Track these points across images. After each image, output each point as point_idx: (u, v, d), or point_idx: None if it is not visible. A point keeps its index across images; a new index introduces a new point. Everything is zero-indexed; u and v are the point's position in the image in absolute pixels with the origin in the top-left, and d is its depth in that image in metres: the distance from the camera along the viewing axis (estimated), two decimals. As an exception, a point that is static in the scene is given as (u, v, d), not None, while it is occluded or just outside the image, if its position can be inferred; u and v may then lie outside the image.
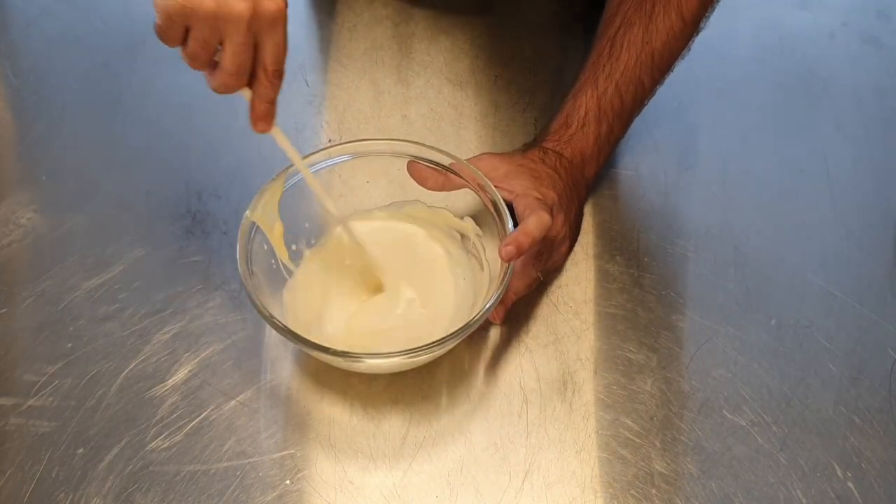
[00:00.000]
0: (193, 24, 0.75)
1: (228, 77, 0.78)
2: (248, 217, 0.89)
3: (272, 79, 0.80)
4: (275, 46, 0.78)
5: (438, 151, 0.94)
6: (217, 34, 0.76)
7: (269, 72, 0.79)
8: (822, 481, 0.85)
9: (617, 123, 0.99)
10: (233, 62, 0.77)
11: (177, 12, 0.75)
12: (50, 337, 0.92)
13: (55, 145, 1.07)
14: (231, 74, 0.78)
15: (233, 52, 0.77)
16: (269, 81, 0.80)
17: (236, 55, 0.77)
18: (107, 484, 0.84)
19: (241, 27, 0.76)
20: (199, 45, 0.77)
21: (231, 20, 0.75)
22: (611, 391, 0.90)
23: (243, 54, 0.77)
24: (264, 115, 0.82)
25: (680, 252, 1.00)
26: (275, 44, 0.78)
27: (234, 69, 0.78)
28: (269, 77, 0.79)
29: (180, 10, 0.74)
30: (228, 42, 0.77)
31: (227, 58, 0.77)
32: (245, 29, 0.76)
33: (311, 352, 0.85)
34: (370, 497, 0.84)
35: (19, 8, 1.22)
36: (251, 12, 0.75)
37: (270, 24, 0.77)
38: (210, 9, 0.74)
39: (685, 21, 0.99)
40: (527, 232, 0.86)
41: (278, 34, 0.78)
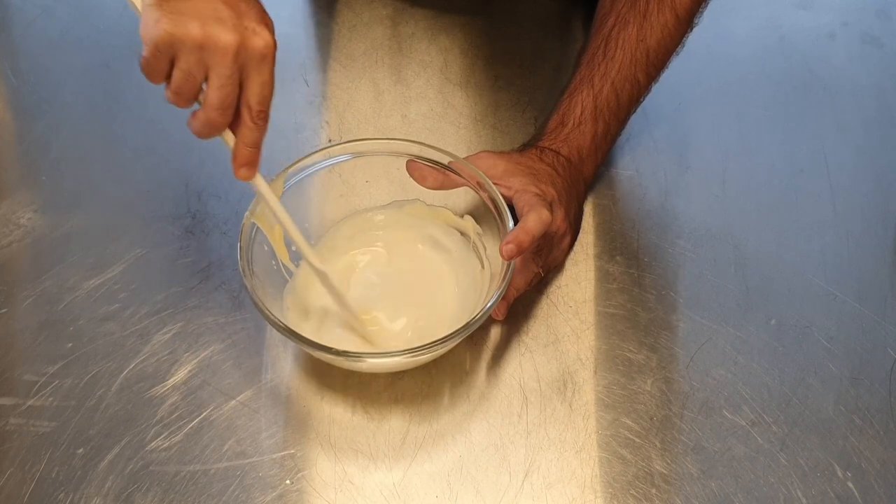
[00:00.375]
0: (179, 56, 0.74)
1: (213, 111, 0.76)
2: (249, 217, 0.89)
3: (257, 120, 0.78)
4: (261, 85, 0.77)
5: (437, 150, 0.94)
6: (202, 66, 0.75)
7: (253, 112, 0.77)
8: (822, 481, 0.85)
9: (614, 121, 1.00)
10: (217, 95, 0.76)
11: (164, 41, 0.74)
12: (50, 337, 0.92)
13: (55, 145, 1.07)
14: (215, 109, 0.76)
15: (218, 84, 0.75)
16: (254, 123, 0.78)
17: (222, 88, 0.75)
18: (107, 484, 0.84)
19: (227, 59, 0.74)
20: (183, 77, 0.75)
21: (217, 50, 0.74)
22: (611, 391, 0.90)
23: (228, 87, 0.76)
24: (247, 160, 0.80)
25: (680, 252, 1.00)
26: (261, 82, 0.76)
27: (218, 103, 0.76)
28: (254, 118, 0.77)
29: (167, 39, 0.74)
30: (214, 74, 0.75)
31: (211, 91, 0.76)
32: (231, 61, 0.75)
33: (312, 351, 0.85)
34: (370, 497, 0.84)
35: (19, 8, 1.22)
36: (238, 44, 0.74)
37: (258, 60, 0.76)
38: (197, 38, 0.73)
39: (679, 18, 1.00)
40: (527, 229, 0.86)
41: (265, 73, 0.76)
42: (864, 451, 0.87)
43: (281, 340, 0.92)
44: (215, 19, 0.74)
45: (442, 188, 0.94)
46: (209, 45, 0.74)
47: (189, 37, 0.74)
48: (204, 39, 0.74)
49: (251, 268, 0.87)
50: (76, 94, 1.13)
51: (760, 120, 1.12)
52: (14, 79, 1.14)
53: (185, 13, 0.74)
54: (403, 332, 0.91)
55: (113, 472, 0.84)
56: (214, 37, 0.74)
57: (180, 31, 0.73)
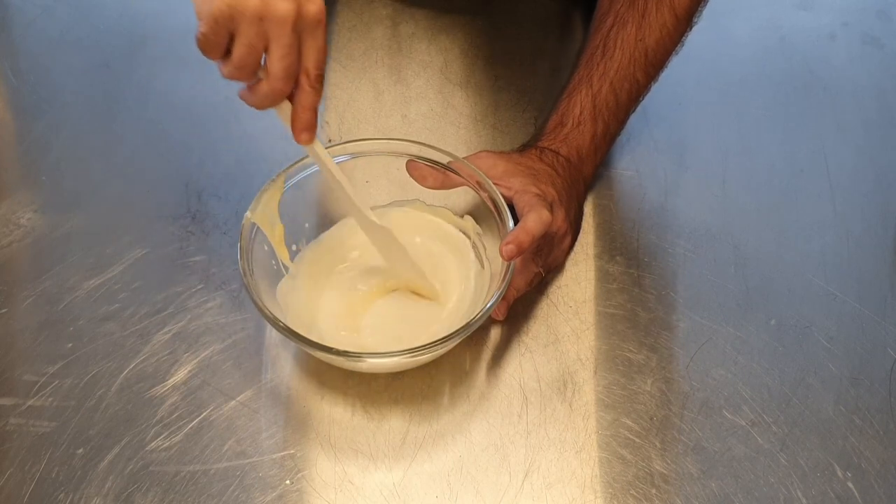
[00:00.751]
0: (239, 29, 0.75)
1: (277, 82, 0.77)
2: (249, 217, 0.89)
3: (314, 84, 0.78)
4: (317, 50, 0.77)
5: (437, 150, 0.94)
6: (263, 38, 0.75)
7: (311, 76, 0.78)
8: (822, 481, 0.85)
9: (613, 121, 1.00)
10: (281, 66, 0.76)
11: (223, 15, 0.74)
12: (50, 337, 0.92)
13: (55, 145, 1.07)
14: (280, 79, 0.77)
15: (280, 54, 0.76)
16: (312, 87, 0.78)
17: (284, 58, 0.76)
18: (107, 484, 0.84)
19: (286, 27, 0.75)
20: (245, 51, 0.75)
21: (276, 20, 0.74)
22: (611, 391, 0.90)
23: (291, 56, 0.76)
24: (308, 124, 0.80)
25: (680, 252, 1.00)
26: (317, 47, 0.77)
27: (282, 73, 0.76)
28: (312, 82, 0.78)
29: (226, 11, 0.74)
30: (275, 45, 0.75)
31: (274, 62, 0.76)
32: (290, 30, 0.75)
33: (312, 351, 0.85)
34: (370, 497, 0.84)
35: (19, 8, 1.22)
36: (295, 13, 0.74)
37: (313, 25, 0.76)
38: (256, 9, 0.74)
39: (678, 17, 1.00)
40: (527, 230, 0.86)
41: (320, 37, 0.77)
42: (864, 451, 0.87)
43: (281, 340, 0.92)
44: None
45: (442, 188, 0.94)
46: (268, 16, 0.74)
47: (248, 8, 0.74)
48: (263, 10, 0.74)
49: (251, 268, 0.87)
50: (76, 94, 1.13)
51: (760, 120, 1.12)
52: (14, 79, 1.14)
53: None
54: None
55: (113, 472, 0.84)
56: (273, 7, 0.74)
57: (239, 4, 0.73)
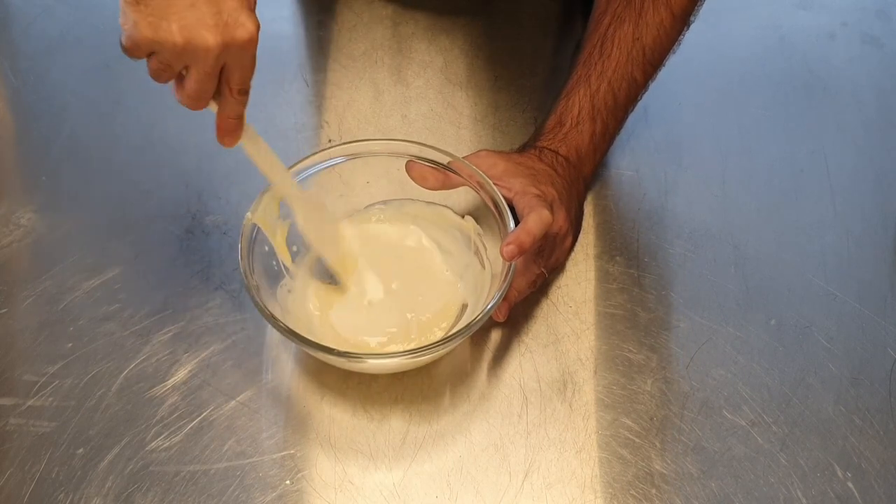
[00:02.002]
0: (159, 54, 0.74)
1: (188, 100, 0.77)
2: (250, 218, 0.89)
3: (237, 96, 0.78)
4: (242, 69, 0.77)
5: (437, 150, 0.94)
6: (182, 62, 0.75)
7: (233, 91, 0.78)
8: (822, 481, 0.85)
9: (611, 120, 1.00)
10: (195, 89, 0.76)
11: (143, 43, 0.73)
12: (50, 337, 0.92)
13: (55, 145, 1.07)
14: (191, 98, 0.77)
15: (197, 79, 0.75)
16: (235, 99, 0.78)
17: (200, 82, 0.76)
18: (107, 484, 0.84)
19: (208, 60, 0.74)
20: (161, 68, 0.75)
21: (198, 53, 0.73)
22: (611, 391, 0.90)
23: (207, 83, 0.76)
24: (230, 130, 0.81)
25: (680, 252, 1.00)
26: (242, 67, 0.77)
27: (195, 94, 0.77)
28: (234, 95, 0.78)
29: (146, 43, 0.73)
30: (193, 70, 0.75)
31: (190, 84, 0.76)
32: (212, 62, 0.74)
33: (313, 352, 0.85)
34: (370, 497, 0.84)
35: (19, 8, 1.22)
36: (221, 45, 0.73)
37: (241, 51, 0.75)
38: (178, 44, 0.73)
39: (675, 15, 1.00)
40: (528, 230, 0.86)
41: (247, 58, 0.76)
42: (864, 451, 0.87)
43: (281, 341, 0.92)
44: (196, 19, 0.72)
45: (442, 188, 0.94)
46: (190, 50, 0.73)
47: (169, 42, 0.73)
48: (185, 45, 0.73)
49: (252, 268, 0.87)
50: (76, 94, 1.13)
51: (760, 120, 1.12)
52: (14, 79, 1.14)
53: (163, 16, 0.72)
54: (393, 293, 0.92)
55: (113, 472, 0.84)
56: (195, 42, 0.73)
57: (161, 38, 0.72)
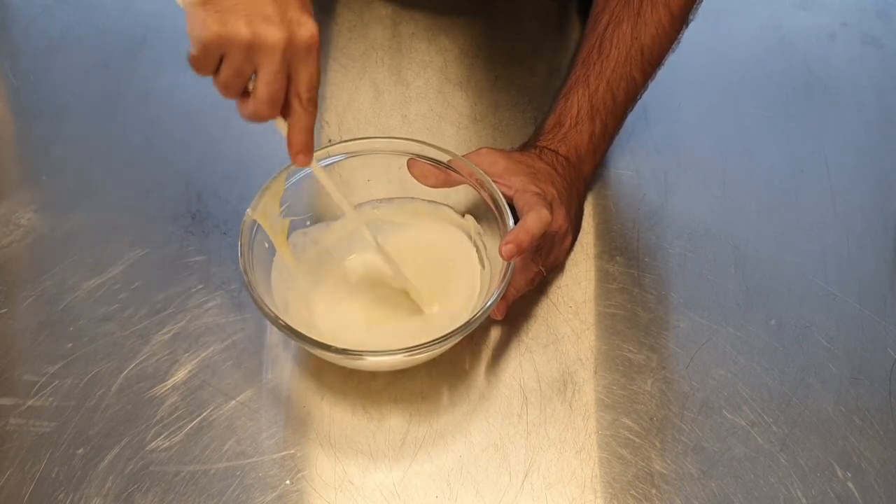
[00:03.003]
0: (228, 53, 0.75)
1: (261, 106, 0.77)
2: (250, 215, 0.89)
3: (307, 107, 0.79)
4: (309, 74, 0.78)
5: (438, 149, 0.94)
6: (251, 63, 0.75)
7: (303, 100, 0.78)
8: (822, 481, 0.85)
9: (610, 120, 1.00)
10: (266, 91, 0.77)
11: (212, 42, 0.74)
12: (50, 337, 0.92)
13: (55, 145, 1.07)
14: (264, 103, 0.77)
15: (267, 80, 0.76)
16: (304, 110, 0.79)
17: (270, 84, 0.76)
18: (107, 484, 0.84)
19: (275, 55, 0.75)
20: (232, 74, 0.76)
21: (266, 49, 0.75)
22: (611, 391, 0.90)
23: (277, 83, 0.77)
24: (303, 146, 0.81)
25: (680, 252, 1.00)
26: (309, 71, 0.77)
27: (267, 98, 0.77)
28: (304, 105, 0.79)
29: (216, 40, 0.74)
30: (262, 71, 0.76)
31: (260, 87, 0.77)
32: (280, 57, 0.75)
33: (312, 349, 0.85)
34: (370, 497, 0.84)
35: (19, 8, 1.22)
36: (286, 41, 0.75)
37: (305, 51, 0.76)
38: (245, 38, 0.74)
39: (673, 15, 1.00)
40: (526, 229, 0.86)
41: (312, 62, 0.77)
42: (864, 451, 0.87)
43: (281, 340, 0.92)
44: (261, 16, 0.74)
45: (444, 186, 0.94)
46: (257, 44, 0.74)
47: (238, 37, 0.74)
48: (252, 38, 0.74)
49: (252, 265, 0.87)
50: (76, 94, 1.13)
51: (760, 120, 1.12)
52: (14, 79, 1.14)
53: (230, 11, 0.74)
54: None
55: (113, 472, 0.84)
56: (262, 35, 0.74)
57: (229, 32, 0.74)
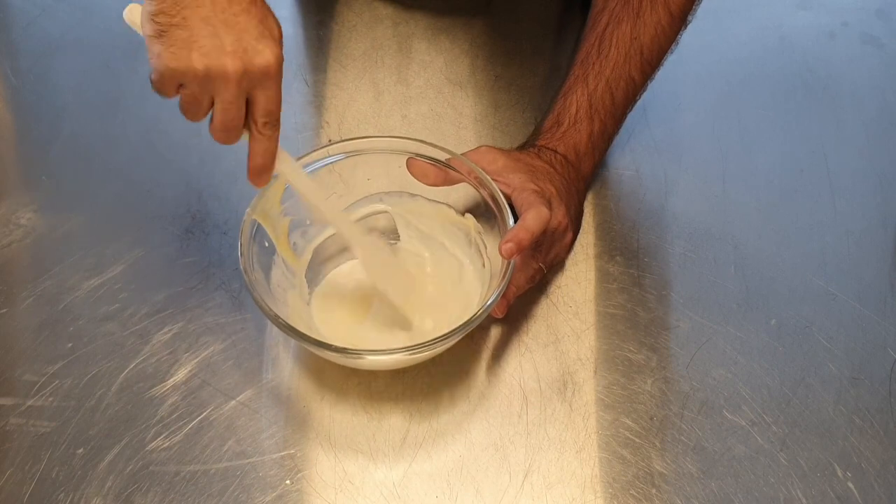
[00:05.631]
0: (184, 84, 0.76)
1: (216, 133, 0.79)
2: (250, 214, 0.89)
3: (263, 131, 0.79)
4: (266, 100, 0.78)
5: (437, 147, 0.94)
6: (207, 92, 0.76)
7: (258, 125, 0.79)
8: (822, 481, 0.85)
9: (609, 120, 1.00)
10: (220, 119, 0.78)
11: (168, 75, 0.75)
12: (50, 337, 0.92)
13: (55, 145, 1.07)
14: (217, 130, 0.78)
15: (221, 108, 0.77)
16: (260, 133, 0.80)
17: (224, 112, 0.77)
18: (107, 484, 0.84)
19: (230, 86, 0.76)
20: (189, 102, 0.77)
21: (219, 79, 0.75)
22: (611, 391, 0.90)
23: (231, 112, 0.77)
24: (258, 169, 0.82)
25: (680, 252, 1.00)
26: (266, 97, 0.78)
27: (221, 126, 0.78)
28: (259, 129, 0.79)
29: (170, 74, 0.75)
30: (217, 100, 0.77)
31: (216, 115, 0.78)
32: (234, 87, 0.76)
33: (313, 348, 0.85)
34: (370, 497, 0.84)
35: (19, 8, 1.22)
36: (240, 72, 0.75)
37: (261, 78, 0.77)
38: (199, 71, 0.75)
39: (673, 15, 1.00)
40: (526, 228, 0.86)
41: (270, 88, 0.78)
42: (864, 451, 0.87)
43: (281, 340, 0.92)
44: (215, 47, 0.75)
45: (444, 185, 0.94)
46: (211, 76, 0.75)
47: (191, 71, 0.75)
48: (206, 71, 0.75)
49: (252, 265, 0.87)
50: (76, 94, 1.13)
51: (760, 120, 1.12)
52: (14, 79, 1.14)
53: (184, 45, 0.74)
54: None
55: (113, 472, 0.84)
56: (216, 68, 0.75)
57: (183, 67, 0.75)
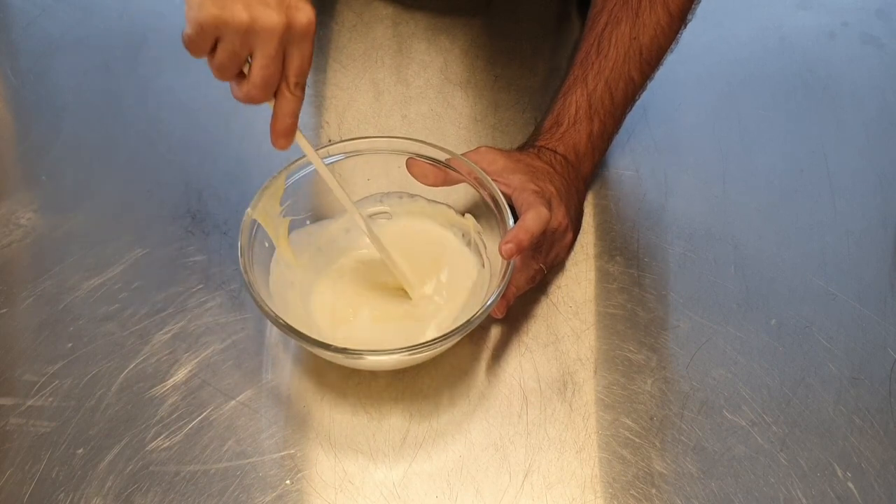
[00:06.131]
0: (224, 36, 0.75)
1: (254, 89, 0.78)
2: (250, 214, 0.89)
3: (294, 91, 0.79)
4: (301, 59, 0.78)
5: (437, 148, 0.94)
6: (247, 46, 0.76)
7: (291, 84, 0.78)
8: (822, 481, 0.85)
9: (609, 120, 1.00)
10: (261, 75, 0.77)
11: (210, 24, 0.74)
12: (50, 337, 0.92)
13: (55, 145, 1.07)
14: (258, 87, 0.77)
15: (263, 64, 0.76)
16: (292, 94, 0.79)
17: (265, 68, 0.77)
18: (107, 484, 0.84)
19: (273, 40, 0.75)
20: (227, 57, 0.76)
21: (263, 33, 0.75)
22: (611, 391, 0.90)
23: (272, 67, 0.77)
24: (285, 130, 0.81)
25: (680, 252, 1.00)
26: (301, 56, 0.78)
27: (261, 82, 0.77)
28: (292, 89, 0.79)
29: (213, 22, 0.74)
30: (258, 54, 0.76)
31: (255, 70, 0.77)
32: (277, 42, 0.75)
33: (312, 349, 0.85)
34: (370, 497, 0.84)
35: (19, 8, 1.22)
36: (284, 25, 0.75)
37: (301, 36, 0.76)
38: (244, 21, 0.74)
39: (672, 15, 1.00)
40: (526, 228, 0.86)
41: (306, 47, 0.77)
42: (864, 451, 0.87)
43: (281, 340, 0.92)
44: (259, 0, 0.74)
45: (443, 185, 0.94)
46: (255, 28, 0.74)
47: (235, 20, 0.74)
48: (251, 23, 0.74)
49: (251, 265, 0.87)
50: (76, 94, 1.13)
51: (760, 120, 1.12)
52: (14, 79, 1.14)
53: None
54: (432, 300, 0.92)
55: (113, 472, 0.84)
56: (261, 20, 0.74)
57: (227, 15, 0.74)
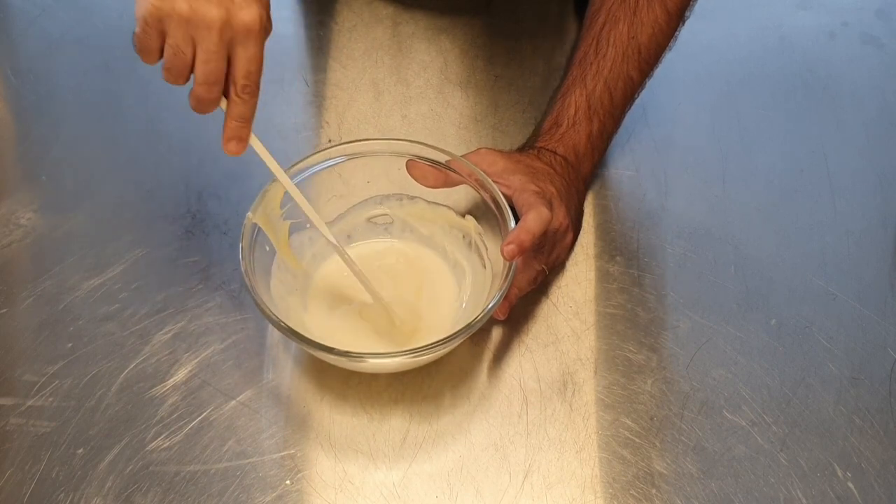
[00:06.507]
0: (167, 31, 0.76)
1: (199, 87, 0.78)
2: (251, 218, 0.88)
3: (241, 94, 0.79)
4: (247, 60, 0.78)
5: (437, 149, 0.94)
6: (189, 42, 0.76)
7: (238, 86, 0.78)
8: (822, 481, 0.85)
9: (608, 119, 1.00)
10: (202, 70, 0.77)
11: (151, 16, 0.75)
12: (50, 337, 0.92)
13: (55, 145, 1.07)
14: (201, 84, 0.78)
15: (204, 59, 0.77)
16: (239, 97, 0.79)
17: (206, 63, 0.77)
18: (107, 484, 0.84)
19: (212, 33, 0.76)
20: (172, 53, 0.77)
21: (202, 25, 0.75)
22: (611, 391, 0.90)
23: (213, 62, 0.77)
24: (234, 134, 0.81)
25: (680, 252, 1.00)
26: (247, 57, 0.78)
27: (203, 78, 0.77)
28: (238, 92, 0.79)
29: (154, 14, 0.75)
30: (200, 49, 0.76)
31: (198, 66, 0.77)
32: (217, 36, 0.76)
33: (315, 352, 0.85)
34: (370, 497, 0.84)
35: (19, 8, 1.22)
36: (223, 20, 0.75)
37: (244, 34, 0.77)
38: (183, 12, 0.75)
39: (670, 13, 1.00)
40: (527, 229, 0.86)
41: (251, 48, 0.77)
42: (864, 451, 0.87)
43: (282, 340, 0.92)
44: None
45: (444, 187, 0.94)
46: (195, 20, 0.75)
47: (175, 11, 0.75)
48: (190, 14, 0.75)
49: (253, 268, 0.87)
50: (76, 94, 1.13)
51: (760, 120, 1.12)
52: (14, 79, 1.14)
53: None
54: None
55: (113, 472, 0.84)
56: (200, 11, 0.75)
57: (167, 6, 0.75)
